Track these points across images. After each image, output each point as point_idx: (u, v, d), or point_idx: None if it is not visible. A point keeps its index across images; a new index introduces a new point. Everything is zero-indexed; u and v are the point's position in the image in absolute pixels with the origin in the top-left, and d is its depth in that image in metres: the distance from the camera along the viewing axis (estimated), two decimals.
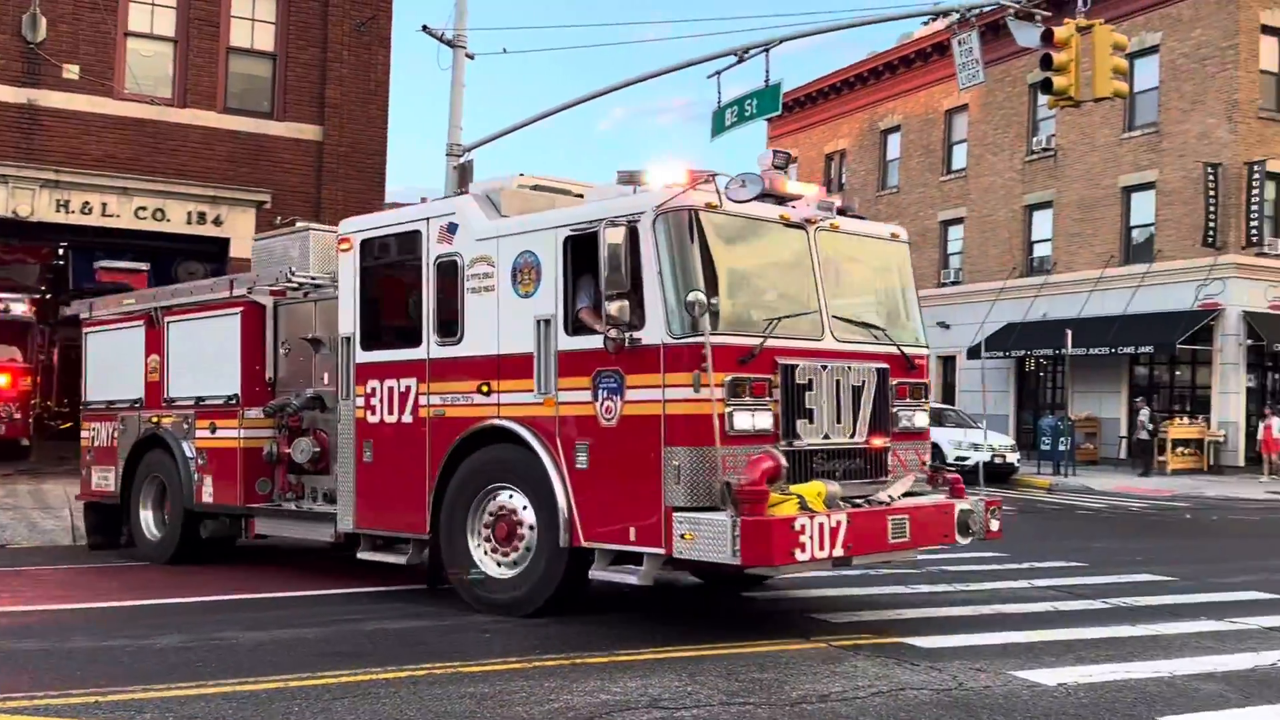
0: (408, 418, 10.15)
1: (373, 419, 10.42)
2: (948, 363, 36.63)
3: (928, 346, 10.49)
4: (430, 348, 10.06)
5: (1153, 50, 34.07)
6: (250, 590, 11.03)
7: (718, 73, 17.34)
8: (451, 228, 9.97)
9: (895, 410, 9.70)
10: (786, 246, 9.47)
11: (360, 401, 10.50)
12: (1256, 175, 31.98)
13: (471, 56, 18.45)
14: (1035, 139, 34.72)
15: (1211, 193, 32.14)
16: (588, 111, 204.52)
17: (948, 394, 36.20)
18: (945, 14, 18.21)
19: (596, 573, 9.10)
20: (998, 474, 26.70)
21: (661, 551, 8.46)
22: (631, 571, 8.78)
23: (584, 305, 9.09)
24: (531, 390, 9.29)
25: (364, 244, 10.64)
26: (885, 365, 9.58)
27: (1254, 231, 32.26)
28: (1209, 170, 32.14)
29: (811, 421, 8.96)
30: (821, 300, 9.31)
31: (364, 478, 10.49)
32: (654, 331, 8.58)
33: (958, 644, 8.76)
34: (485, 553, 9.66)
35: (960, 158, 36.87)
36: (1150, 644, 8.86)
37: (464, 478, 9.71)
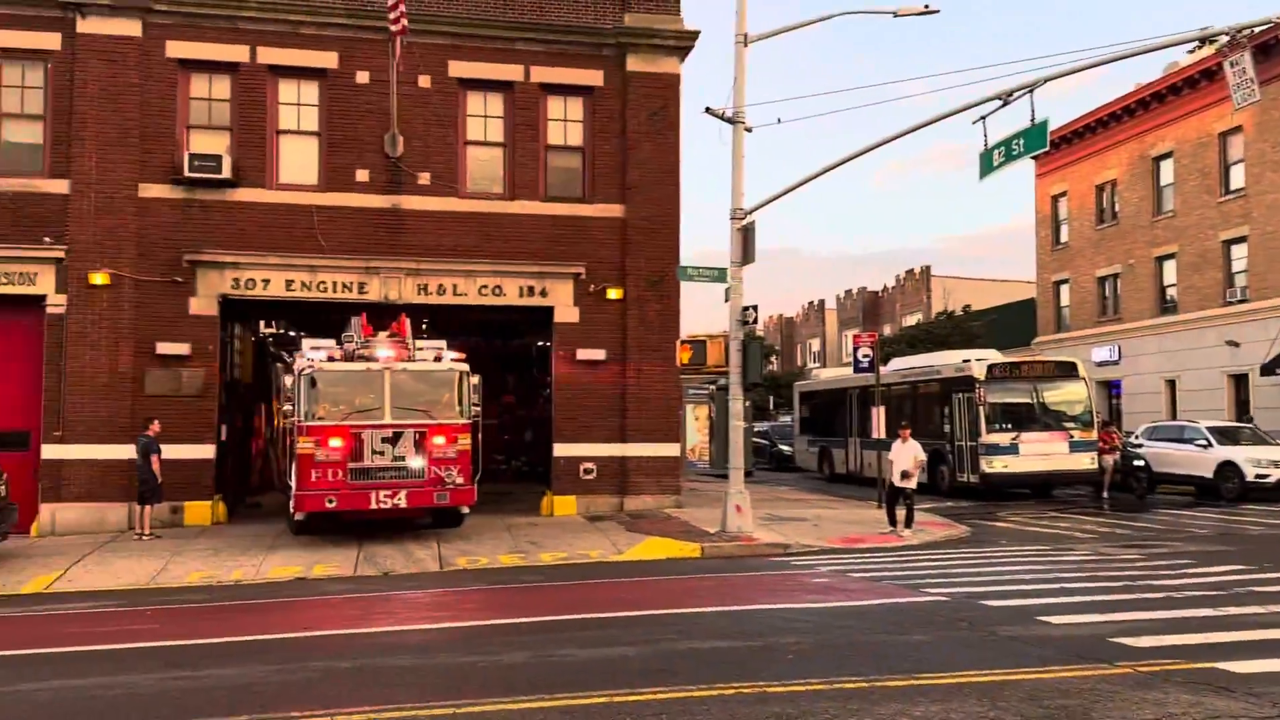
0: None
1: None
2: (1240, 381, 32.91)
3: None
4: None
5: None
6: (586, 610, 11.18)
7: (983, 117, 16.40)
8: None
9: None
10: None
11: None
12: None
13: (750, 129, 18.32)
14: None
15: None
16: (861, 169, 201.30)
17: (1241, 411, 32.45)
18: (1213, 38, 16.43)
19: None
20: None
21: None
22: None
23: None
24: None
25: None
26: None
27: None
28: None
29: None
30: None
31: None
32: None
33: (1276, 669, 7.60)
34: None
35: (1238, 177, 33.24)
36: None
37: None
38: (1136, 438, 27.15)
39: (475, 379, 17.39)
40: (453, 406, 17.06)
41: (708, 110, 18.34)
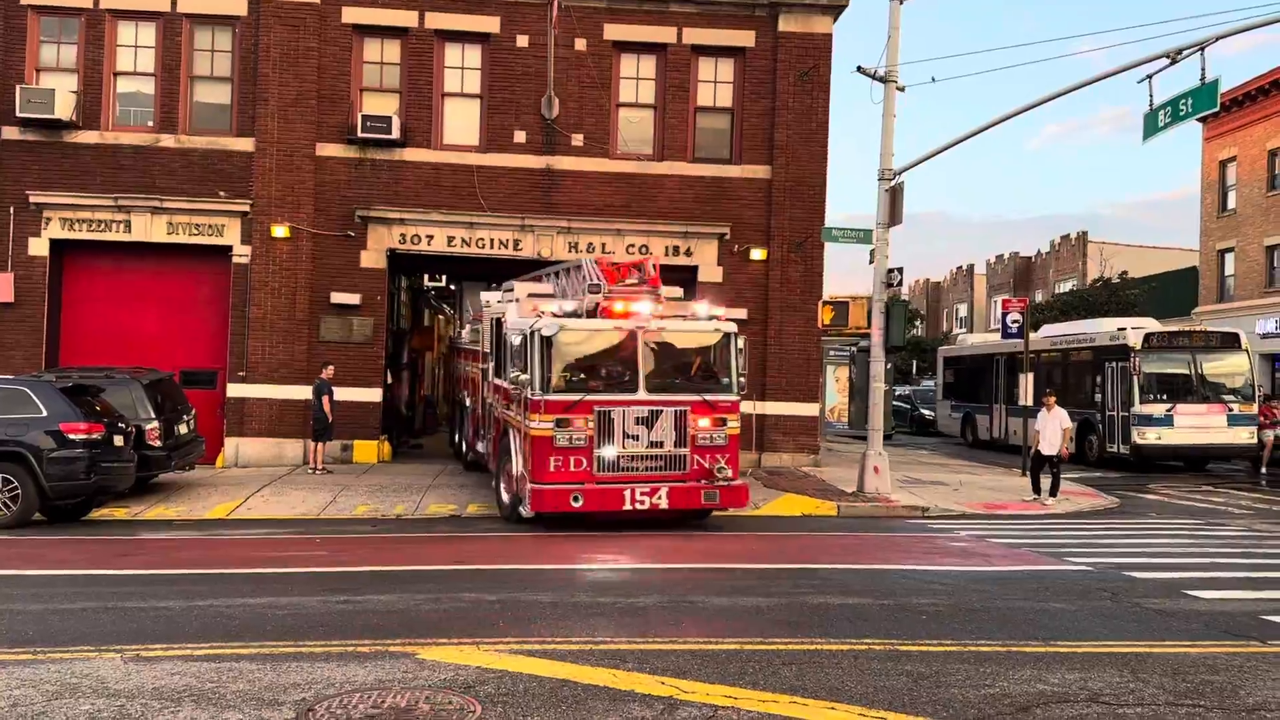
0: None
1: None
2: None
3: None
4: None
5: None
6: (720, 560, 11.18)
7: (1149, 76, 15.33)
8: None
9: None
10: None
11: None
12: None
13: (902, 89, 17.64)
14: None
15: None
16: (1016, 132, 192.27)
17: None
18: None
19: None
20: None
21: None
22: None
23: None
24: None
25: None
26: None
27: None
28: None
29: None
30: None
31: None
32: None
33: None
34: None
35: None
36: None
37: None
38: None
39: (742, 341, 13.89)
40: (720, 378, 13.47)
41: (859, 69, 17.76)
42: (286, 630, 7.49)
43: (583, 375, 13.05)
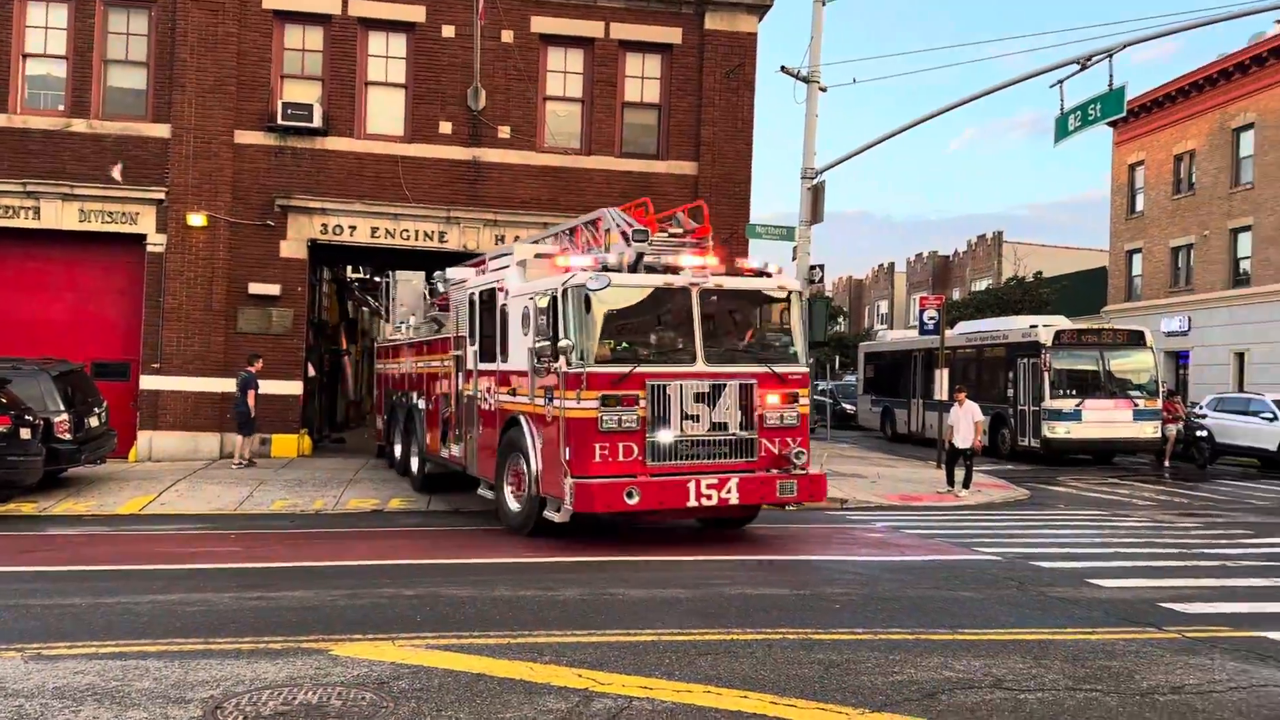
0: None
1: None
2: None
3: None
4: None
5: None
6: (639, 553, 11.16)
7: (1060, 82, 15.81)
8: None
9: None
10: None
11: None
12: None
13: (825, 89, 17.94)
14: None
15: None
16: (937, 133, 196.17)
17: None
18: None
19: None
20: None
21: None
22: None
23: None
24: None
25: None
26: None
27: None
28: None
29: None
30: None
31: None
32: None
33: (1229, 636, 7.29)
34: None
35: None
36: None
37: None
38: (1201, 409, 26.26)
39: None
40: (788, 346, 11.50)
41: (783, 69, 18.01)
42: (196, 627, 7.30)
43: (626, 345, 10.79)
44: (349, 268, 26.31)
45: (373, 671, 6.20)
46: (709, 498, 10.57)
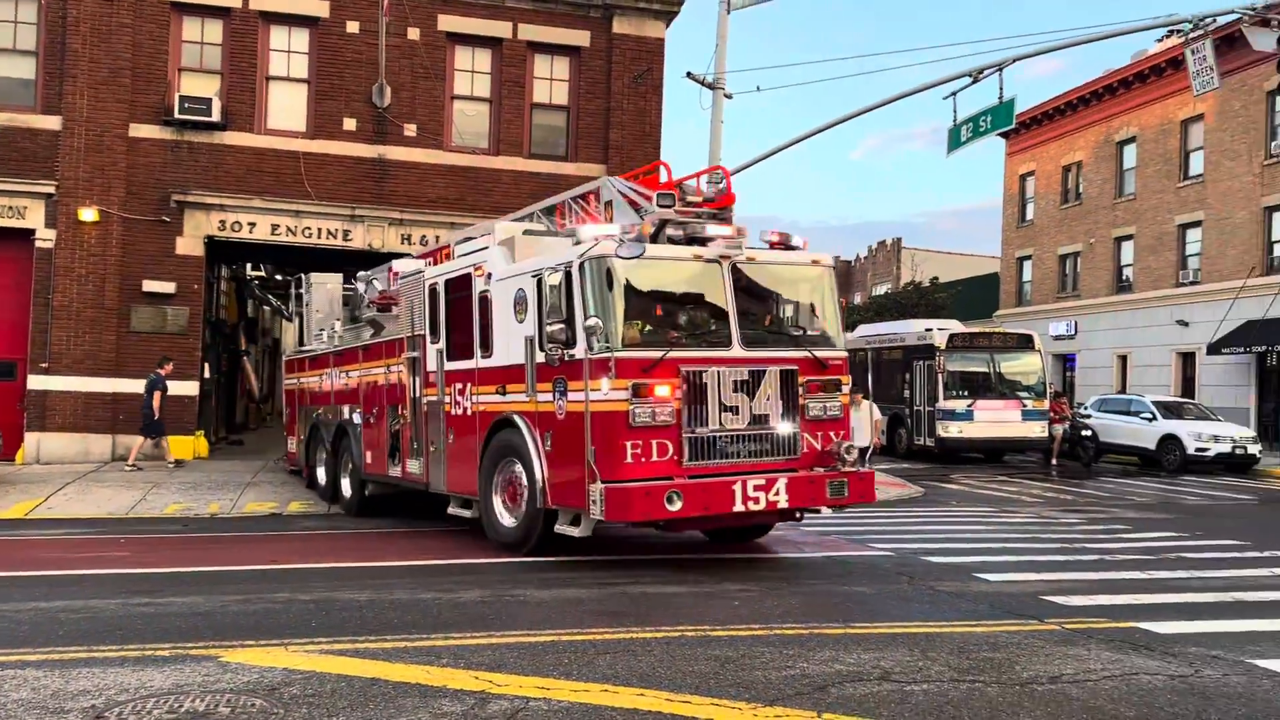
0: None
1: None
2: (1187, 359, 33.13)
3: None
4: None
5: None
6: (542, 555, 11.11)
7: (954, 93, 16.31)
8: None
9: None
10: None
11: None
12: None
13: (730, 96, 18.17)
14: (1274, 143, 30.78)
15: None
16: (840, 141, 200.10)
17: (1188, 388, 32.73)
18: (1178, 26, 16.30)
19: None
20: (1239, 465, 23.79)
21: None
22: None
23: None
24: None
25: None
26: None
27: None
28: None
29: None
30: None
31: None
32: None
33: (1195, 630, 7.67)
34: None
35: (1197, 164, 33.24)
36: None
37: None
38: (1086, 409, 27.36)
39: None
40: (823, 328, 10.45)
41: (689, 75, 18.15)
42: (79, 634, 7.03)
43: (653, 328, 9.51)
44: (249, 265, 25.61)
45: (264, 678, 6.05)
46: (756, 501, 9.28)
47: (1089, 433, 25.49)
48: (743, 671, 6.30)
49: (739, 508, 9.30)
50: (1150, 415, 25.01)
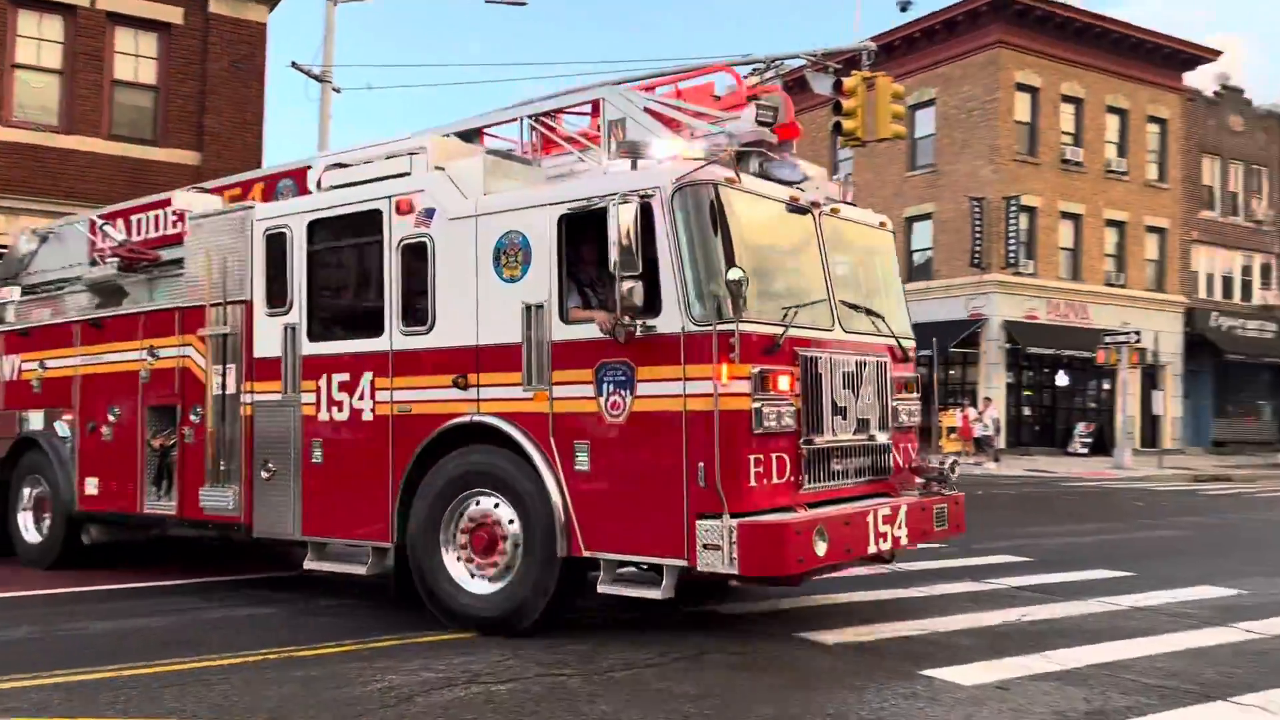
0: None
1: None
2: None
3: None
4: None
5: (930, 103, 35.23)
6: (103, 581, 9.95)
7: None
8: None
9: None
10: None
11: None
12: (1013, 208, 33.31)
13: (338, 90, 17.60)
14: (835, 176, 35.16)
15: (978, 222, 33.32)
16: None
17: None
18: (756, 65, 18.05)
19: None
20: None
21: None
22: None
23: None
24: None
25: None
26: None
27: (1011, 254, 33.57)
28: (974, 204, 33.29)
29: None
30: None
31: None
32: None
33: (754, 610, 8.48)
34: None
35: None
36: (922, 605, 8.70)
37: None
38: None
39: None
40: (894, 310, 8.26)
41: (294, 65, 17.33)
42: None
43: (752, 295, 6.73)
44: None
45: None
46: (885, 538, 7.11)
47: None
48: (327, 690, 6.03)
49: (872, 549, 7.06)
50: None
